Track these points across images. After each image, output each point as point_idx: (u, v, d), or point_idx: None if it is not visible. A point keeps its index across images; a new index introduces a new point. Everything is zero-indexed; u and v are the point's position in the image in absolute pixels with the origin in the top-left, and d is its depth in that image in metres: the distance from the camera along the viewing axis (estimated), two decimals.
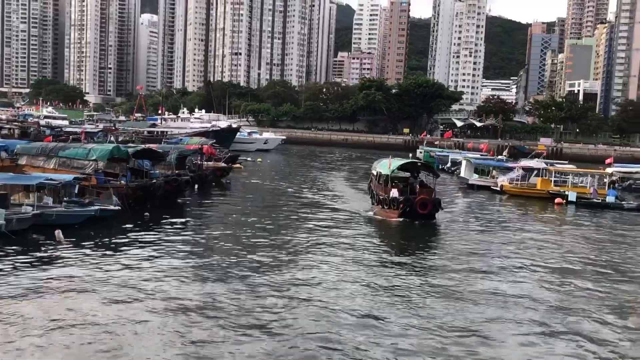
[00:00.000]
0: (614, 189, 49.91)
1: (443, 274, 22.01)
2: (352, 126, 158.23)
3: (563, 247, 29.22)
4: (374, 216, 34.88)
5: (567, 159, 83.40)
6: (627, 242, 32.31)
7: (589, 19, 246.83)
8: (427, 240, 30.05)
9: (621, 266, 25.53)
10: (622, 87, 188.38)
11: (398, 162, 37.18)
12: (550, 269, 23.96)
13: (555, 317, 17.76)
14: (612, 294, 20.70)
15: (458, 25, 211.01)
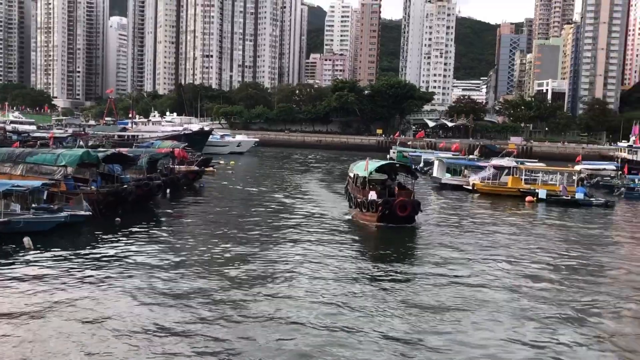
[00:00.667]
0: (583, 186, 50.98)
1: (423, 279, 21.58)
2: (326, 127, 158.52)
3: (535, 245, 29.63)
4: (352, 219, 34.04)
5: (537, 158, 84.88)
6: (595, 238, 33.02)
7: (556, 20, 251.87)
8: (406, 243, 29.28)
9: (589, 262, 26.04)
10: (588, 86, 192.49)
11: (375, 163, 36.23)
12: (524, 268, 24.28)
13: (527, 315, 17.99)
14: (581, 289, 21.08)
15: (428, 26, 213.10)
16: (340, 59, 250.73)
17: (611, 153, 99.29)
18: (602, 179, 61.71)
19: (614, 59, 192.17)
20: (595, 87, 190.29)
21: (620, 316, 18.52)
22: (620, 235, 35.33)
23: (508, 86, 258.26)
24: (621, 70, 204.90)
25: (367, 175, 34.36)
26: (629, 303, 19.76)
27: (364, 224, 32.36)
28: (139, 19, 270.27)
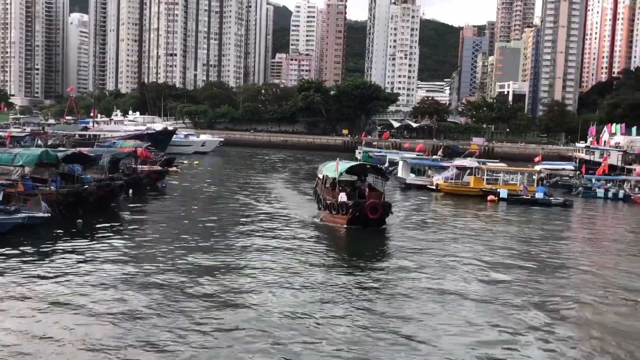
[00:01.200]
0: (542, 186, 52.32)
1: (393, 281, 21.33)
2: (292, 127, 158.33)
3: (498, 244, 30.22)
4: (321, 222, 33.06)
5: (498, 158, 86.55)
6: (554, 236, 33.88)
7: (517, 23, 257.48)
8: (376, 245, 28.79)
9: (549, 260, 26.72)
10: (548, 88, 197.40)
11: (346, 164, 35.28)
12: (488, 266, 24.72)
13: (489, 311, 18.34)
14: (540, 285, 21.61)
15: (393, 28, 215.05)
16: (306, 59, 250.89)
17: (569, 153, 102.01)
18: (561, 179, 63.34)
19: (572, 62, 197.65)
20: (555, 89, 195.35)
21: (576, 311, 19.02)
22: (578, 233, 36.36)
23: (471, 88, 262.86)
24: (579, 73, 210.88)
25: (337, 176, 33.46)
26: (586, 298, 20.32)
27: (333, 226, 31.62)
28: (101, 16, 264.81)
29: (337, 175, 33.48)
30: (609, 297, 20.65)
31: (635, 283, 22.79)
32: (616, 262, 27.08)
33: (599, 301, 20.18)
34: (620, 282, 22.79)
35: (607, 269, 25.31)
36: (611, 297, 20.67)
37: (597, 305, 19.76)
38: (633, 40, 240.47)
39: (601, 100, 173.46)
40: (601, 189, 56.09)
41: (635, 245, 32.47)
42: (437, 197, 50.55)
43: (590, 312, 19.08)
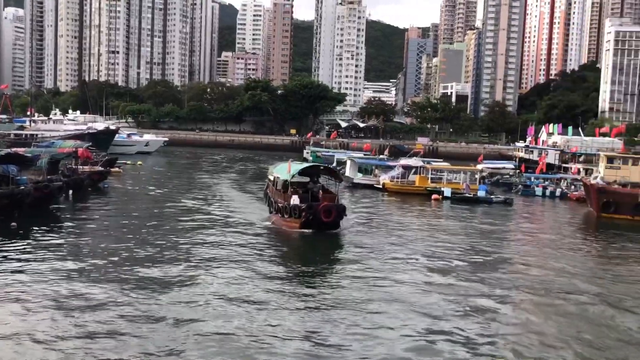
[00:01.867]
0: (484, 184, 53.86)
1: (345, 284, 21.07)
2: (239, 127, 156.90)
3: (443, 242, 30.82)
4: (273, 226, 31.95)
5: (442, 157, 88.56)
6: (496, 232, 34.91)
7: (460, 25, 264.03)
8: (329, 249, 28.01)
9: (491, 255, 27.48)
10: (489, 90, 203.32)
11: (298, 166, 34.20)
12: (434, 263, 25.16)
13: (434, 307, 18.65)
14: (482, 279, 22.17)
15: (340, 28, 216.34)
16: (253, 58, 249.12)
17: (510, 153, 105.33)
18: (502, 178, 65.30)
19: (512, 64, 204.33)
20: (496, 90, 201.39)
21: (514, 303, 19.60)
22: (517, 229, 37.58)
23: (416, 88, 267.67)
24: (519, 74, 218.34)
25: (290, 178, 32.08)
26: (523, 292, 20.97)
27: (285, 231, 30.40)
28: (38, 11, 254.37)
29: (289, 177, 32.07)
30: (545, 290, 21.39)
31: (569, 277, 23.69)
32: (552, 256, 28.11)
33: (536, 294, 20.88)
34: (554, 277, 23.65)
35: (544, 264, 26.23)
36: (547, 290, 21.41)
37: (534, 297, 20.43)
38: (569, 43, 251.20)
39: (539, 101, 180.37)
40: (539, 187, 58.20)
41: (570, 241, 33.81)
42: (384, 196, 51.15)
43: (528, 303, 19.69)
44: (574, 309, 19.41)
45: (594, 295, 21.05)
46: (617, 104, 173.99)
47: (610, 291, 21.77)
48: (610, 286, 22.66)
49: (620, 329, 17.44)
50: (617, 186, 44.43)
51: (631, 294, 21.48)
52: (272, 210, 33.72)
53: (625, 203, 42.14)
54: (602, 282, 23.28)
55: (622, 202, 42.25)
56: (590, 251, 31.39)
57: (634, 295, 21.29)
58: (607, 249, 32.30)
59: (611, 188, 43.83)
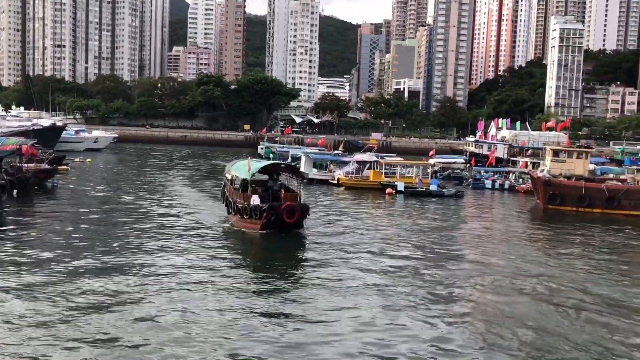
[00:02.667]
0: (436, 178, 54.92)
1: (308, 286, 20.33)
2: (191, 123, 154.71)
3: (398, 235, 31.20)
4: (232, 227, 30.36)
5: (395, 152, 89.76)
6: (448, 225, 35.62)
7: (412, 22, 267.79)
8: (290, 249, 27.00)
9: (443, 247, 28.03)
10: (440, 85, 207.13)
11: (258, 164, 32.49)
12: (390, 258, 25.42)
13: (391, 302, 18.86)
14: (434, 272, 22.59)
15: (293, 23, 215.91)
16: (205, 53, 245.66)
17: (460, 147, 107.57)
18: (453, 171, 66.61)
19: (462, 60, 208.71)
20: (447, 86, 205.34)
21: (467, 295, 20.05)
22: (469, 221, 38.43)
23: (369, 84, 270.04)
24: (469, 70, 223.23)
25: (250, 177, 30.42)
26: (476, 282, 21.48)
27: (246, 233, 29.01)
28: None
29: (249, 175, 30.36)
30: (496, 278, 21.97)
31: (518, 267, 24.39)
32: (502, 248, 28.91)
33: (488, 282, 21.43)
34: (505, 267, 24.32)
35: (494, 255, 26.92)
36: (497, 278, 22.00)
37: (484, 288, 20.96)
38: (516, 40, 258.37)
39: (489, 97, 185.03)
40: (489, 180, 59.72)
41: (518, 231, 34.84)
42: (339, 191, 51.39)
43: (479, 295, 20.17)
44: (523, 296, 20.01)
45: (540, 281, 21.76)
46: (562, 99, 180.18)
47: (555, 277, 22.57)
48: (555, 273, 23.51)
49: (565, 313, 18.06)
50: (563, 179, 46.02)
51: (576, 280, 22.29)
52: (231, 210, 31.87)
53: (569, 195, 43.71)
54: (548, 269, 24.10)
55: (567, 194, 43.81)
56: (537, 241, 32.43)
57: (578, 281, 22.10)
58: (553, 238, 33.46)
59: (557, 181, 45.36)
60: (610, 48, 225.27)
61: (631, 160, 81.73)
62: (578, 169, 49.97)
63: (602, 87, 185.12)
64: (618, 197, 42.44)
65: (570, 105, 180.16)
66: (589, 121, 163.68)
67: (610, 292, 20.89)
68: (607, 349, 15.39)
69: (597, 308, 19.02)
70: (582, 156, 52.42)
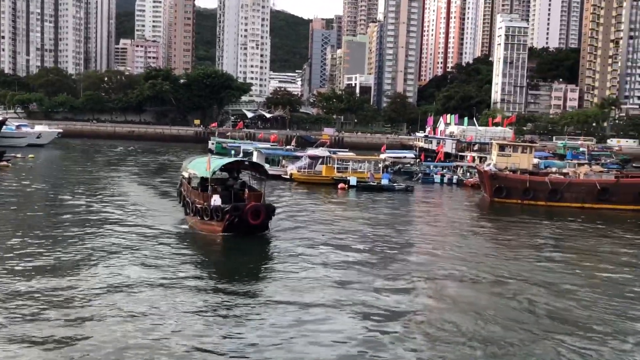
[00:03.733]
0: (387, 173, 55.66)
1: (272, 290, 19.62)
2: (139, 117, 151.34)
3: (352, 230, 31.42)
4: (191, 229, 28.56)
5: (347, 147, 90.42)
6: (399, 217, 36.17)
7: (362, 18, 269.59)
8: (254, 252, 25.45)
9: (396, 240, 28.44)
10: (391, 81, 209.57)
11: (219, 161, 30.53)
12: (345, 253, 25.56)
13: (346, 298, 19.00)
14: (386, 262, 22.91)
15: (244, 17, 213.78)
16: (154, 46, 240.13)
17: (411, 142, 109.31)
18: (403, 166, 67.66)
19: (412, 56, 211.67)
20: (397, 82, 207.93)
21: (419, 287, 20.43)
22: (419, 215, 39.19)
23: (321, 79, 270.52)
24: (418, 67, 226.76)
25: (210, 175, 28.49)
26: (426, 274, 21.89)
27: (206, 236, 27.19)
28: None
29: (209, 174, 28.36)
30: (445, 269, 22.47)
31: (466, 258, 25.02)
32: (450, 240, 29.58)
33: (435, 275, 21.88)
34: (454, 258, 24.91)
35: (443, 247, 27.53)
36: (447, 269, 22.50)
37: (434, 278, 21.40)
38: (464, 37, 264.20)
39: (437, 93, 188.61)
40: (438, 174, 60.99)
41: (466, 224, 35.71)
42: (292, 186, 51.35)
43: (431, 287, 20.59)
44: (471, 286, 20.55)
45: (487, 270, 22.39)
46: (507, 95, 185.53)
47: (502, 268, 23.29)
48: (500, 262, 24.29)
49: (511, 300, 18.64)
50: (508, 172, 47.42)
51: (519, 268, 23.04)
52: (189, 211, 29.57)
53: (515, 188, 45.11)
54: (494, 259, 24.84)
55: (512, 188, 45.19)
56: (484, 232, 33.36)
57: (521, 269, 22.85)
58: (499, 230, 34.52)
59: (502, 174, 46.71)
60: (553, 46, 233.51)
61: (573, 155, 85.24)
62: (523, 163, 51.56)
63: (545, 84, 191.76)
64: (560, 190, 44.06)
65: (516, 101, 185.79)
66: (533, 117, 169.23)
67: (551, 279, 21.69)
68: (548, 332, 15.98)
69: (538, 293, 19.80)
70: (526, 151, 54.10)
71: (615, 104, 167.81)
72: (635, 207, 42.22)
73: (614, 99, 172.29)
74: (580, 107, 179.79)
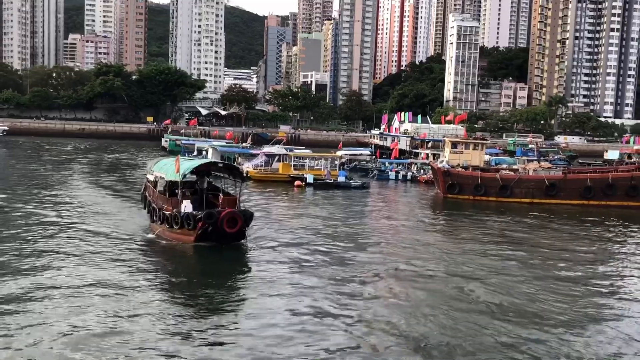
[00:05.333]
0: (344, 170, 56.07)
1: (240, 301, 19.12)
2: (90, 115, 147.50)
3: (309, 227, 31.52)
4: (157, 238, 25.85)
5: (304, 145, 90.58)
6: (356, 215, 36.54)
7: (318, 15, 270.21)
8: (233, 266, 23.15)
9: (352, 236, 28.73)
10: (347, 79, 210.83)
11: (190, 162, 27.72)
12: (305, 251, 25.65)
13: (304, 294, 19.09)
14: (347, 261, 23.17)
15: (198, 13, 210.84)
16: (104, 42, 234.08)
17: (366, 140, 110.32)
18: (359, 163, 68.28)
19: (367, 54, 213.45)
20: (352, 79, 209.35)
21: (375, 282, 20.74)
22: (375, 211, 39.69)
23: (277, 76, 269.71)
24: (373, 65, 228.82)
25: (180, 178, 25.70)
26: (382, 268, 22.25)
27: (175, 246, 24.75)
28: None
29: (178, 177, 25.62)
30: (399, 267, 22.88)
31: (420, 253, 25.55)
32: (405, 235, 30.10)
33: (390, 270, 22.27)
34: (408, 253, 25.40)
35: (398, 242, 28.00)
36: (401, 266, 22.92)
37: (389, 273, 21.78)
38: (417, 36, 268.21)
39: (392, 91, 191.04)
40: (393, 171, 61.84)
41: (420, 219, 36.39)
42: (248, 184, 51.05)
43: (384, 280, 20.93)
44: (426, 279, 21.00)
45: (440, 265, 22.94)
46: (459, 93, 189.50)
47: (454, 262, 23.90)
48: (453, 257, 24.92)
49: (463, 294, 19.16)
50: (460, 169, 48.52)
51: (472, 263, 23.69)
52: (155, 218, 26.71)
53: (467, 184, 46.20)
54: (447, 253, 25.47)
55: (464, 184, 46.26)
56: (437, 228, 34.15)
57: (474, 264, 23.50)
58: (451, 225, 35.37)
59: (455, 171, 47.76)
60: (503, 45, 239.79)
61: (522, 151, 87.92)
62: (474, 160, 52.85)
63: (496, 82, 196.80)
64: (510, 186, 45.38)
65: (467, 99, 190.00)
66: (484, 114, 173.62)
67: (499, 272, 22.39)
68: (495, 322, 16.51)
69: (488, 284, 20.41)
70: (478, 147, 55.46)
71: (562, 102, 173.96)
72: (582, 202, 43.92)
73: (561, 97, 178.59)
74: (529, 105, 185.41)
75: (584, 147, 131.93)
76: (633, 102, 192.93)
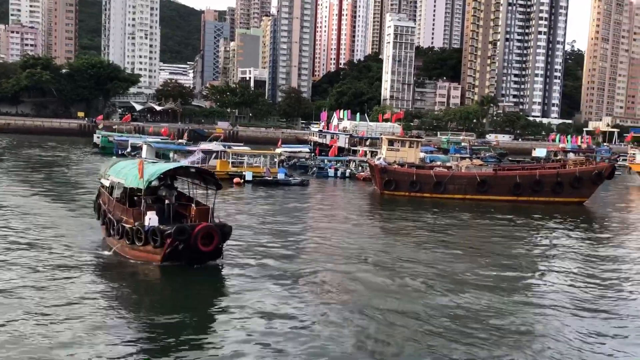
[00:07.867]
0: (283, 167, 56.02)
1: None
2: (15, 109, 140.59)
3: (246, 223, 31.27)
4: (116, 256, 21.55)
5: (242, 141, 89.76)
6: (296, 212, 36.62)
7: (256, 11, 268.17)
8: (209, 289, 19.61)
9: (292, 233, 28.79)
10: (285, 76, 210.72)
11: (156, 167, 23.08)
12: (247, 248, 25.41)
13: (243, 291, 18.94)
14: (287, 256, 23.19)
15: (132, 5, 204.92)
16: (31, 33, 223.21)
17: (306, 137, 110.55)
18: (299, 161, 68.42)
19: (305, 52, 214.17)
20: (291, 76, 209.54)
21: (316, 271, 20.88)
22: (314, 208, 39.89)
23: (214, 72, 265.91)
24: (312, 62, 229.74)
25: (144, 186, 21.40)
26: (322, 262, 22.42)
27: (138, 265, 20.63)
28: None
29: (142, 183, 21.29)
30: (340, 257, 23.13)
31: (358, 247, 25.93)
32: (343, 231, 30.45)
33: (332, 261, 22.48)
34: (346, 247, 25.71)
35: (337, 238, 28.28)
36: (339, 261, 23.17)
37: (332, 264, 21.97)
38: (355, 35, 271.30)
39: (331, 89, 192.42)
40: (332, 169, 62.34)
41: (358, 215, 36.91)
42: None
43: (325, 276, 21.11)
44: (363, 273, 21.31)
45: (378, 258, 23.39)
46: (396, 92, 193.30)
47: (391, 255, 24.44)
48: (390, 250, 25.48)
49: (394, 287, 19.59)
50: (397, 166, 49.50)
51: (407, 255, 24.30)
52: (113, 232, 22.13)
53: (403, 181, 47.20)
54: (384, 247, 26.02)
55: (400, 181, 47.24)
56: (373, 223, 34.75)
57: (409, 256, 24.11)
58: (387, 220, 36.09)
59: (391, 168, 48.68)
60: (438, 46, 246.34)
61: (455, 149, 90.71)
62: (410, 157, 54.02)
63: (431, 82, 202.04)
64: (444, 183, 46.70)
65: (404, 98, 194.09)
66: (420, 113, 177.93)
67: (435, 263, 23.06)
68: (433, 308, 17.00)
69: (423, 275, 21.00)
70: (413, 145, 56.70)
71: (493, 101, 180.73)
72: (511, 198, 45.77)
73: (492, 97, 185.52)
74: (462, 105, 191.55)
75: (514, 145, 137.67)
76: (559, 102, 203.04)
